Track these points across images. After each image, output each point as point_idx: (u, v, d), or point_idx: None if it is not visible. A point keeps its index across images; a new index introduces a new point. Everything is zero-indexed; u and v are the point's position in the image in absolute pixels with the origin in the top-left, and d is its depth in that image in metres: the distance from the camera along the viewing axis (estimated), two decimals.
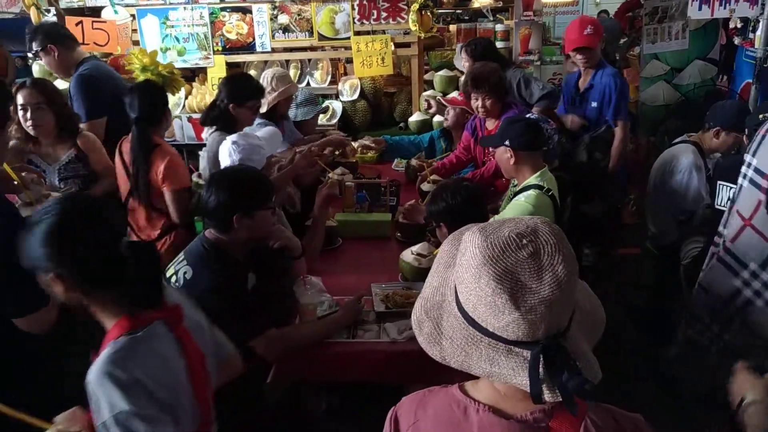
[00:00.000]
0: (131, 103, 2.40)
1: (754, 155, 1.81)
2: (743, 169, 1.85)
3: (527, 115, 2.49)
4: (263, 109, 2.87)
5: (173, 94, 3.55)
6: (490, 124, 2.87)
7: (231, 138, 2.18)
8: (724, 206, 2.23)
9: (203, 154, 2.79)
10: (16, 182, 2.05)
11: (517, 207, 2.05)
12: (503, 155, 2.19)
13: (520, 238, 0.75)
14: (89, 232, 1.09)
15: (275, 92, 2.95)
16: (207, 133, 2.77)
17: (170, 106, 4.06)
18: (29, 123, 2.36)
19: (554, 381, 0.71)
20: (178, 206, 2.44)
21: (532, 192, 2.06)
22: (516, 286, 0.72)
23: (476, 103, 2.82)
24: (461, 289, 0.78)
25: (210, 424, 1.27)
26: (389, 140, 3.58)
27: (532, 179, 2.12)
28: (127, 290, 1.11)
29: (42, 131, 2.40)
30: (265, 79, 3.00)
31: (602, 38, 3.22)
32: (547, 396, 0.72)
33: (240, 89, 2.62)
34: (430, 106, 3.47)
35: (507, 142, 2.15)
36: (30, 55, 2.60)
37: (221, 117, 2.60)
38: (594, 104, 3.07)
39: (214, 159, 2.39)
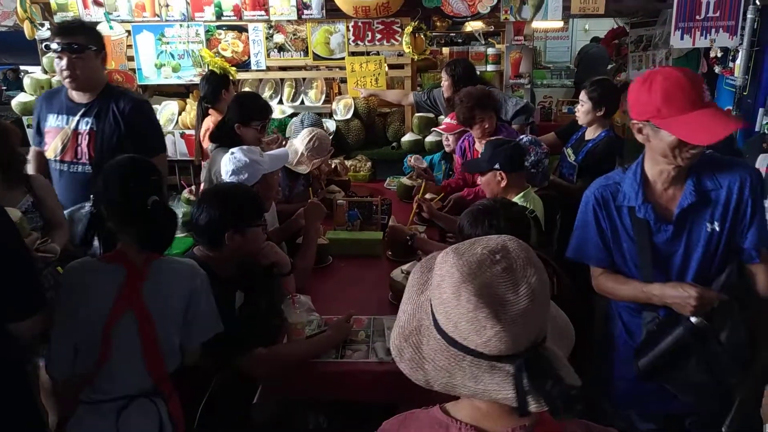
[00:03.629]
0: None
1: None
2: None
3: (520, 137, 2.53)
4: (303, 169, 2.88)
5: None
6: (480, 146, 2.92)
7: (232, 149, 2.21)
8: None
9: (205, 166, 2.81)
10: None
11: None
12: (493, 179, 2.21)
13: (493, 254, 0.78)
14: (123, 186, 1.49)
15: (310, 160, 2.94)
16: (210, 147, 2.80)
17: (163, 122, 4.12)
18: None
19: (539, 391, 0.73)
20: None
21: None
22: (495, 299, 0.75)
23: (482, 125, 2.85)
24: (440, 310, 0.80)
25: (164, 381, 1.49)
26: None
27: (517, 200, 2.16)
28: (138, 234, 1.46)
29: None
30: (303, 142, 2.94)
31: None
32: (533, 407, 0.73)
33: (245, 109, 2.61)
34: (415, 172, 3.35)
35: (497, 166, 2.17)
36: (56, 47, 2.19)
37: (228, 135, 2.59)
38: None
39: (212, 175, 2.42)
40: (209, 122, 3.33)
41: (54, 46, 2.27)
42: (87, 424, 1.44)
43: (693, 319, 1.48)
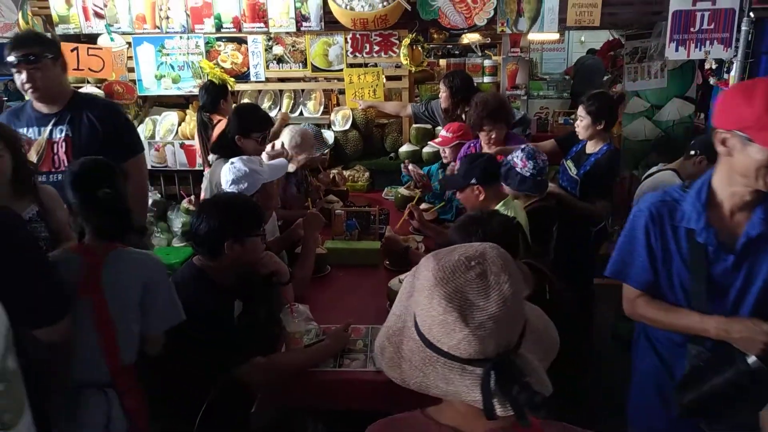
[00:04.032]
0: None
1: None
2: None
3: (523, 146, 2.54)
4: (290, 168, 2.88)
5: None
6: (486, 148, 2.95)
7: (232, 159, 2.23)
8: None
9: (206, 176, 2.82)
10: None
11: None
12: (471, 194, 2.24)
13: (469, 260, 0.81)
14: (74, 180, 1.62)
15: (296, 157, 2.96)
16: (212, 158, 2.82)
17: (162, 133, 4.14)
18: None
19: (505, 396, 0.75)
20: None
21: None
22: (465, 304, 0.77)
23: (490, 134, 2.90)
24: (418, 313, 0.83)
25: (121, 373, 1.54)
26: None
27: (498, 208, 2.17)
28: (93, 223, 1.60)
29: None
30: (286, 141, 2.99)
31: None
32: (499, 411, 0.76)
33: (245, 121, 2.62)
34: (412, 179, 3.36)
35: (474, 181, 2.21)
36: (13, 60, 2.14)
37: (228, 146, 2.60)
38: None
39: (213, 186, 2.43)
40: (220, 129, 3.36)
41: (11, 59, 2.24)
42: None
43: (750, 360, 1.34)
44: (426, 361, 0.81)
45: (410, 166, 3.33)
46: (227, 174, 2.16)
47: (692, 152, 2.81)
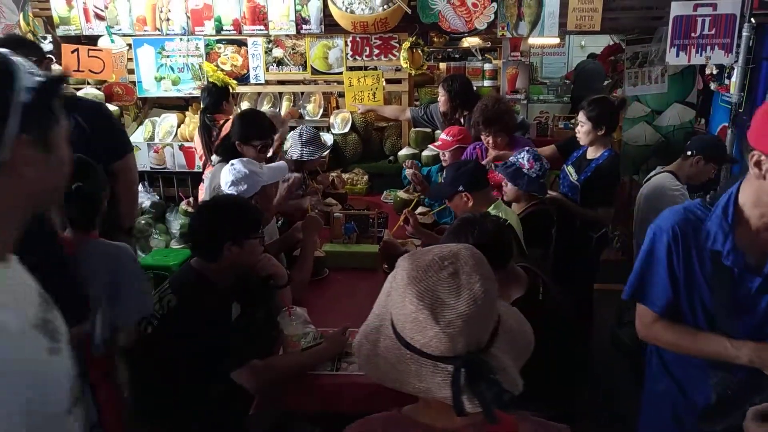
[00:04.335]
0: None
1: None
2: None
3: (526, 148, 2.55)
4: (270, 153, 2.87)
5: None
6: (493, 152, 2.96)
7: (232, 161, 2.23)
8: None
9: (207, 177, 2.81)
10: None
11: None
12: (460, 201, 2.25)
13: (443, 260, 0.83)
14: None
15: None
16: (215, 160, 2.82)
17: (162, 134, 4.14)
18: None
19: (474, 393, 0.77)
20: None
21: None
22: (436, 302, 0.80)
23: (487, 138, 2.94)
24: (394, 311, 0.86)
25: (91, 365, 1.58)
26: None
27: (489, 212, 2.17)
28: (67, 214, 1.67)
29: None
30: None
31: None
32: (468, 408, 0.78)
33: (246, 128, 2.62)
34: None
35: (461, 188, 2.22)
36: None
37: (229, 150, 2.61)
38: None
39: (212, 188, 2.43)
40: (226, 130, 3.37)
41: None
42: None
43: None
44: (400, 359, 0.84)
45: (412, 170, 3.32)
46: (227, 175, 2.16)
47: (689, 153, 2.81)
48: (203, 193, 2.96)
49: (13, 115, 0.69)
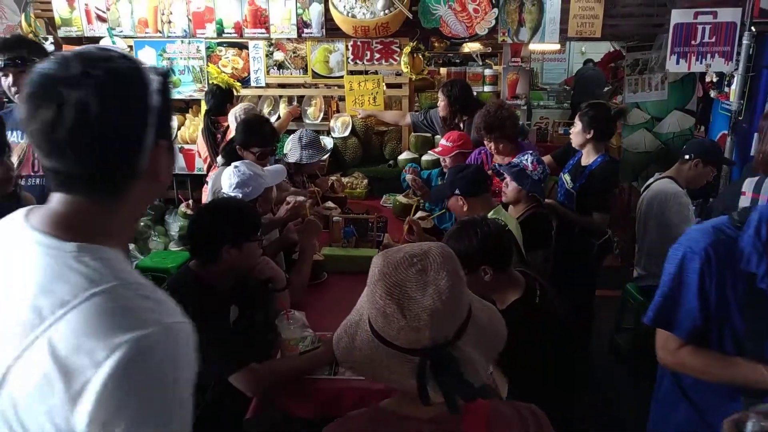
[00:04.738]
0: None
1: None
2: None
3: (529, 151, 2.56)
4: None
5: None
6: (499, 159, 2.96)
7: (235, 163, 2.26)
8: None
9: (210, 178, 2.84)
10: None
11: None
12: (456, 204, 2.28)
13: (412, 258, 0.88)
14: None
15: None
16: (220, 162, 2.84)
17: None
18: None
19: (439, 384, 0.82)
20: None
21: None
22: (404, 297, 0.84)
23: (489, 144, 2.95)
24: (368, 306, 0.90)
25: None
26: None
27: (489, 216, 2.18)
28: None
29: None
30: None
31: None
32: (434, 397, 0.82)
33: (246, 134, 2.67)
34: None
35: (457, 191, 2.25)
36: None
37: (232, 153, 2.66)
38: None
39: (214, 191, 2.45)
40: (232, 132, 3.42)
41: None
42: None
43: None
44: (373, 350, 0.88)
45: (410, 173, 3.32)
46: (231, 177, 2.18)
47: (686, 156, 2.83)
48: (206, 195, 2.99)
49: (151, 122, 0.72)
